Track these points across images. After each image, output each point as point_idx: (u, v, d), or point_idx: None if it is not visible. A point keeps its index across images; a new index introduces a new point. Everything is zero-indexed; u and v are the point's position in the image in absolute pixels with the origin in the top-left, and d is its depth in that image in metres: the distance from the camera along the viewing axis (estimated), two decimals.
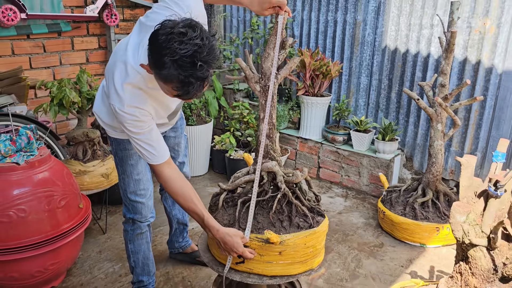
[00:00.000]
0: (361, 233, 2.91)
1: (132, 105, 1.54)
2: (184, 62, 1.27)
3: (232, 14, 4.44)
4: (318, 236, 1.67)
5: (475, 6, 2.88)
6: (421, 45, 3.18)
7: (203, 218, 1.60)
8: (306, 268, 1.68)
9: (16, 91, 2.86)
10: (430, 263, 2.58)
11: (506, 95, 2.87)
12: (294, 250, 1.61)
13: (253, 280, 1.62)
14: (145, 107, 1.57)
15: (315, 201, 1.81)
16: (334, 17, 3.63)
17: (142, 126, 1.57)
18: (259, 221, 1.64)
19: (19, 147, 2.11)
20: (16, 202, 1.96)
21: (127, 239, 2.07)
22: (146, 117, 1.58)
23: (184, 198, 1.62)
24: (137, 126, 1.57)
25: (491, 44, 2.87)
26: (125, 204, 2.01)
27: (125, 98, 1.54)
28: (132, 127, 1.57)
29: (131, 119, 1.55)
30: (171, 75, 1.29)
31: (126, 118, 1.55)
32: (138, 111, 1.56)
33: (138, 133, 1.58)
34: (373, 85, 3.53)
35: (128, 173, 1.92)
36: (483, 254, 1.49)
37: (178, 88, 1.34)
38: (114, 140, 1.91)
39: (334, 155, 3.61)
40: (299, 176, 1.69)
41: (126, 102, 1.54)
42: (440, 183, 2.80)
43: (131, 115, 1.55)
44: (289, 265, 1.63)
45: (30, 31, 3.20)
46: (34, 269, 2.06)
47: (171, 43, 1.26)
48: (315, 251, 1.69)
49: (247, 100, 4.10)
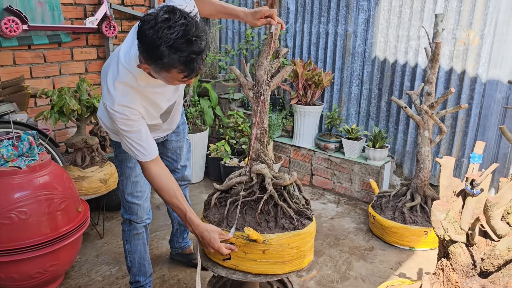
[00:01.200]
0: (352, 237, 2.99)
1: (122, 104, 1.59)
2: (179, 44, 1.33)
3: (228, 26, 4.56)
4: (302, 238, 1.73)
5: (459, 18, 3.01)
6: (409, 55, 3.30)
7: (185, 213, 1.68)
8: (291, 268, 1.74)
9: (17, 99, 2.95)
10: (418, 265, 2.66)
11: (491, 103, 2.99)
12: (278, 250, 1.67)
13: (238, 276, 1.70)
14: (135, 106, 1.62)
15: (304, 205, 1.87)
16: (325, 29, 3.76)
17: (132, 125, 1.63)
18: (246, 220, 1.72)
19: (21, 152, 2.19)
20: (17, 204, 2.04)
21: (124, 239, 2.15)
22: (136, 116, 1.63)
23: (169, 193, 1.69)
24: (128, 125, 1.63)
25: (475, 54, 2.99)
26: (123, 205, 2.10)
27: (116, 96, 1.59)
28: (123, 125, 1.63)
29: (121, 117, 1.61)
30: (172, 60, 1.35)
31: (117, 116, 1.61)
32: (128, 110, 1.61)
33: (128, 131, 1.64)
34: (364, 94, 3.64)
35: (127, 175, 2.01)
36: (462, 250, 1.58)
37: (183, 70, 1.39)
38: (115, 143, 2.00)
39: (327, 163, 3.71)
40: (287, 179, 1.77)
41: (117, 100, 1.58)
42: (428, 188, 2.89)
43: (121, 114, 1.60)
44: (273, 264, 1.69)
45: (31, 41, 3.30)
46: (34, 270, 2.12)
47: (160, 32, 1.32)
48: (300, 252, 1.74)
49: (242, 109, 4.20)
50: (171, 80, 1.48)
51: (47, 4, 3.32)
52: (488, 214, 1.44)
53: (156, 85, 1.66)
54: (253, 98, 1.78)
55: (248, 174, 1.79)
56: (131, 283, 2.22)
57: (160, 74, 1.45)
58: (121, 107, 1.59)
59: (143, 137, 1.67)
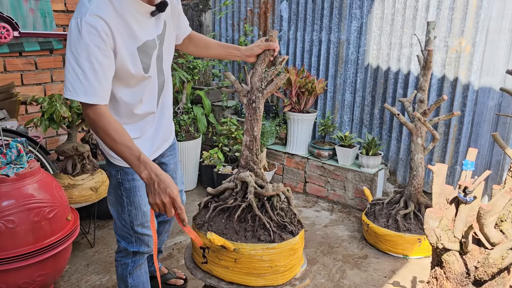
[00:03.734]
0: (346, 245, 2.97)
1: (95, 14, 1.35)
2: None
3: (221, 33, 4.56)
4: (278, 253, 1.66)
5: (451, 26, 3.03)
6: (402, 63, 3.31)
7: (139, 155, 1.40)
8: (265, 282, 1.68)
9: (7, 106, 2.92)
10: (412, 273, 2.64)
11: (483, 110, 3.00)
12: (249, 260, 1.64)
13: (212, 282, 1.69)
14: (108, 20, 1.37)
15: (291, 218, 1.80)
16: (318, 36, 3.77)
17: (96, 44, 1.35)
18: (227, 227, 1.70)
19: (9, 159, 2.15)
20: (5, 213, 1.99)
21: (126, 273, 1.91)
22: (106, 37, 1.37)
23: (118, 132, 1.41)
24: (92, 41, 1.34)
25: (467, 62, 3.01)
26: (126, 237, 1.85)
27: (89, 7, 1.36)
28: (85, 42, 1.33)
29: (90, 32, 1.33)
30: None
31: (84, 28, 1.33)
32: (100, 23, 1.35)
33: (88, 52, 1.34)
34: (357, 102, 3.65)
35: (137, 204, 1.78)
36: (456, 258, 1.57)
37: None
38: (120, 170, 1.73)
39: (320, 170, 3.69)
40: (270, 190, 1.72)
41: (90, 10, 1.35)
42: (422, 196, 2.88)
43: (91, 27, 1.33)
44: (246, 275, 1.66)
45: (22, 48, 3.28)
46: (22, 280, 2.07)
47: None
48: (275, 267, 1.67)
49: (235, 116, 4.19)
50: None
51: (38, 11, 3.31)
52: (481, 221, 1.43)
53: (132, 7, 1.46)
54: (245, 105, 1.77)
55: (234, 181, 1.78)
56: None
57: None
58: (93, 18, 1.34)
59: (99, 71, 1.37)
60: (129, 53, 1.48)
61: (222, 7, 4.46)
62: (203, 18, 4.49)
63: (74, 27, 1.34)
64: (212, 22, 4.59)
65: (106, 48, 1.38)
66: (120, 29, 1.42)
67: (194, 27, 4.58)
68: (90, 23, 1.34)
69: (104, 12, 1.37)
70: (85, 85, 1.38)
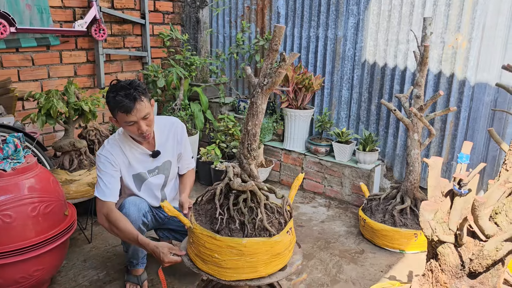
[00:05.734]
0: (343, 240, 2.98)
1: (108, 150, 2.18)
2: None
3: (218, 30, 4.56)
4: (217, 245, 1.69)
5: (448, 22, 3.04)
6: (398, 59, 3.32)
7: (137, 237, 2.02)
8: (208, 269, 1.74)
9: (4, 102, 2.91)
10: (408, 268, 2.65)
11: (479, 106, 3.01)
12: (198, 242, 1.75)
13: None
14: (115, 155, 2.18)
15: (276, 221, 1.79)
16: (316, 33, 3.77)
17: (107, 167, 2.15)
18: (208, 213, 1.81)
19: (6, 154, 2.15)
20: (1, 208, 1.99)
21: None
22: (113, 162, 2.16)
23: (125, 222, 2.08)
24: (105, 165, 2.15)
25: (464, 58, 3.02)
26: None
27: (107, 145, 2.20)
28: (101, 164, 2.16)
29: (103, 158, 2.16)
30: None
31: (101, 157, 2.16)
32: (110, 155, 2.17)
33: (103, 170, 2.15)
34: (354, 98, 3.65)
35: None
36: (451, 251, 1.58)
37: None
38: None
39: (317, 166, 3.70)
40: (235, 184, 1.71)
41: (105, 147, 2.19)
42: (418, 191, 2.90)
43: (104, 156, 2.16)
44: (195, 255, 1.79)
45: (19, 44, 3.27)
46: (19, 275, 2.07)
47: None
48: (215, 258, 1.70)
49: (232, 113, 4.19)
50: (124, 124, 2.09)
51: (35, 7, 3.30)
52: (476, 214, 1.44)
53: (134, 149, 2.24)
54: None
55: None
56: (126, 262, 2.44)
57: (117, 119, 2.11)
58: (106, 151, 2.18)
59: (111, 181, 2.15)
60: (128, 176, 2.26)
61: (219, 3, 4.46)
62: (200, 15, 4.49)
63: (97, 157, 2.20)
64: (209, 18, 4.58)
65: (114, 168, 2.17)
66: (122, 161, 2.22)
67: (192, 24, 4.58)
68: (104, 154, 2.18)
69: (113, 150, 2.19)
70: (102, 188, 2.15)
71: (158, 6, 4.33)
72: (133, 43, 4.15)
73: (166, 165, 2.37)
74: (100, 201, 2.12)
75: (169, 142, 2.34)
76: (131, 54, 4.10)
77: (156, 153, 2.29)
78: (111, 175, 2.15)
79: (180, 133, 2.38)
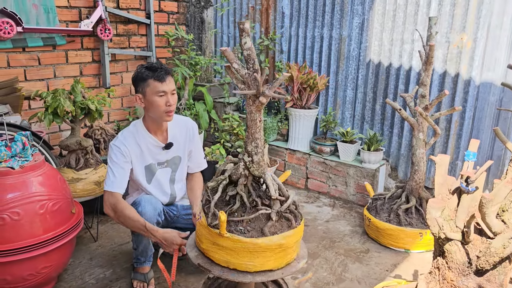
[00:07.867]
0: (348, 240, 2.99)
1: (121, 140, 2.24)
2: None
3: (223, 30, 4.58)
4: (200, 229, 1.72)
5: (453, 22, 3.04)
6: (403, 59, 3.33)
7: (145, 224, 2.08)
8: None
9: (11, 101, 2.93)
10: (414, 267, 2.65)
11: (484, 106, 3.01)
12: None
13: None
14: (128, 145, 2.24)
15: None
16: (320, 33, 3.78)
17: (119, 158, 2.21)
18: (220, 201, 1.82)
19: (14, 152, 2.17)
20: (10, 205, 2.01)
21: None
22: (126, 153, 2.22)
23: (131, 210, 2.14)
24: (117, 156, 2.21)
25: (469, 57, 3.02)
26: None
27: (120, 136, 2.27)
28: (113, 155, 2.22)
29: (116, 148, 2.22)
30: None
31: (113, 148, 2.22)
32: (122, 145, 2.23)
33: (114, 161, 2.21)
34: (359, 98, 3.66)
35: None
36: (458, 248, 1.58)
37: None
38: None
39: (322, 166, 3.71)
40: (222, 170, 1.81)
41: (119, 138, 2.26)
42: (423, 190, 2.90)
43: (117, 147, 2.22)
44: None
45: (25, 44, 3.29)
46: (26, 272, 2.09)
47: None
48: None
49: (237, 113, 4.20)
50: (153, 95, 2.15)
51: (42, 7, 3.32)
52: (483, 211, 1.44)
53: (148, 141, 2.29)
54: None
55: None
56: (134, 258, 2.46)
57: (145, 92, 2.16)
58: (119, 142, 2.24)
59: (120, 172, 2.21)
60: (139, 167, 2.31)
61: (223, 4, 4.47)
62: (204, 15, 4.50)
63: (110, 147, 2.25)
64: (214, 19, 4.60)
65: (125, 159, 2.23)
66: (134, 151, 2.27)
67: (196, 24, 4.60)
68: (117, 144, 2.23)
69: (127, 140, 2.25)
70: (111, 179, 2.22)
71: (163, 6, 4.35)
72: (138, 43, 4.17)
73: (175, 160, 2.43)
74: (107, 192, 2.19)
75: (182, 138, 2.40)
76: (136, 54, 4.12)
77: (169, 145, 2.34)
78: (121, 167, 2.21)
79: (192, 131, 2.44)
